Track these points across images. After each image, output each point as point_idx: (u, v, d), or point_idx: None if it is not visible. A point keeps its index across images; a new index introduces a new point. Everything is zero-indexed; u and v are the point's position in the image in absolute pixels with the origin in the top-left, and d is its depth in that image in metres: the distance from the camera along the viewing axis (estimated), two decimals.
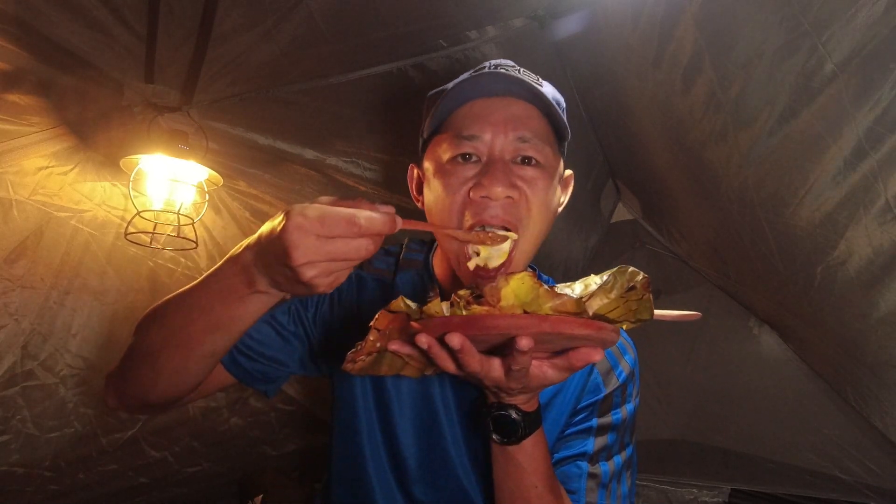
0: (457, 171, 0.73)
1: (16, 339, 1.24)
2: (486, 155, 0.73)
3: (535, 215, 0.74)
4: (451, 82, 0.78)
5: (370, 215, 0.52)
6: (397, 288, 0.90)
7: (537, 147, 0.73)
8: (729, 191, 1.17)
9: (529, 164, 0.73)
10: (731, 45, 0.94)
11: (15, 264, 1.20)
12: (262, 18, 0.98)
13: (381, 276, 0.93)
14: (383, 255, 0.96)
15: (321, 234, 0.50)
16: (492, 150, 0.73)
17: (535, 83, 0.75)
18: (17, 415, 1.29)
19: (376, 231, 0.52)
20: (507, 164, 0.72)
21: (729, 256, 1.51)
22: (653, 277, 1.79)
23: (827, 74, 0.81)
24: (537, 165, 0.74)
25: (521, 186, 0.72)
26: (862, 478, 1.62)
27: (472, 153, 0.73)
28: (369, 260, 0.92)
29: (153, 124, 1.17)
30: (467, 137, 0.73)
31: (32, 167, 1.16)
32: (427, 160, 0.79)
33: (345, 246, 0.51)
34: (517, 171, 0.73)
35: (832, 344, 1.28)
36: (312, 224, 0.49)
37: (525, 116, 0.74)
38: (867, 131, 0.80)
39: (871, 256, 0.93)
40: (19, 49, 0.98)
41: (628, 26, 1.14)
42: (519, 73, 0.75)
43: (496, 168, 0.71)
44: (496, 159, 0.72)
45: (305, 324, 0.88)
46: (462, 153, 0.73)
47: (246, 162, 1.37)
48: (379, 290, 0.91)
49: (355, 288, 0.91)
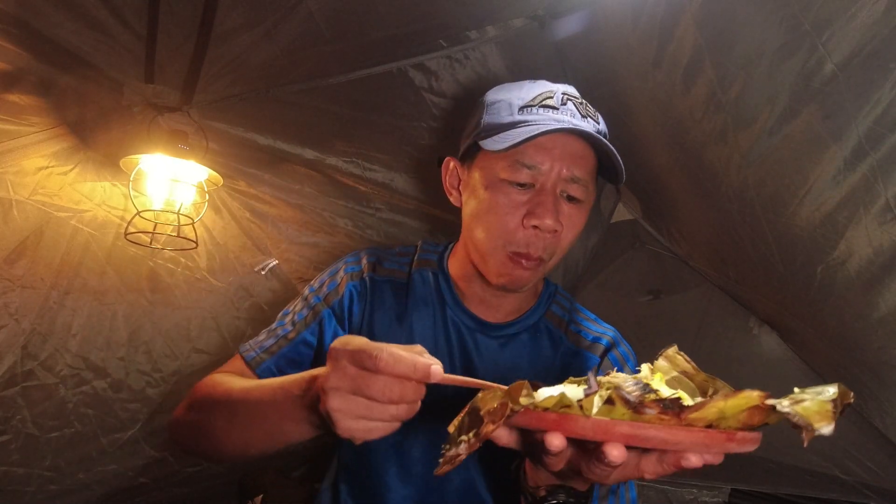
0: (510, 195, 0.77)
1: (16, 339, 1.24)
2: (539, 184, 0.77)
3: (564, 247, 0.80)
4: (510, 92, 0.80)
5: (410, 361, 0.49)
6: (413, 285, 0.92)
7: (584, 186, 0.78)
8: (729, 191, 1.17)
9: (572, 201, 0.78)
10: (731, 45, 0.94)
11: (15, 264, 1.20)
12: (262, 18, 0.98)
13: (394, 277, 0.94)
14: (396, 256, 0.98)
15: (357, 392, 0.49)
16: (545, 182, 0.76)
17: (596, 121, 0.79)
18: (17, 415, 1.29)
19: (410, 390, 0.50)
20: (556, 197, 0.77)
21: (729, 256, 1.51)
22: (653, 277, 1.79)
23: (827, 74, 0.80)
24: (579, 203, 0.79)
25: (563, 222, 0.77)
26: (862, 478, 1.62)
27: (528, 182, 0.77)
28: (380, 262, 0.94)
29: (153, 124, 1.17)
30: (529, 166, 0.76)
31: (32, 167, 1.16)
32: (478, 168, 0.81)
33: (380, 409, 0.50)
34: (563, 206, 0.78)
35: (832, 344, 1.28)
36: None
37: (581, 156, 0.77)
38: (867, 131, 0.80)
39: (871, 256, 0.92)
40: (19, 49, 0.98)
41: (628, 26, 1.14)
42: (586, 110, 0.79)
43: (549, 201, 0.75)
44: (548, 191, 0.76)
45: (336, 330, 0.90)
46: (519, 180, 0.76)
47: (246, 162, 1.37)
48: (392, 290, 0.93)
49: (369, 291, 0.92)
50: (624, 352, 0.91)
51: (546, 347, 0.89)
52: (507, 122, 0.77)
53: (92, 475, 1.42)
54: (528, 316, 0.90)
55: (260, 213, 1.47)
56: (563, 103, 0.78)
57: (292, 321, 0.92)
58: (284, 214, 1.50)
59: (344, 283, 0.91)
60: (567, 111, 0.77)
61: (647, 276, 2.07)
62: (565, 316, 0.93)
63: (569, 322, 0.92)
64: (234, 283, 1.52)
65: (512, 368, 0.87)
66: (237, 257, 1.50)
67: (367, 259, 0.93)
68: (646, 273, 2.07)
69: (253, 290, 1.55)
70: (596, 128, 0.78)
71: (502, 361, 0.88)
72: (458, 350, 0.88)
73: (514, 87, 0.82)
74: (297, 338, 0.89)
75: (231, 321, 1.54)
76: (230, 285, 1.51)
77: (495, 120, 0.79)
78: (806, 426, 0.38)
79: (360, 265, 0.93)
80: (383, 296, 0.91)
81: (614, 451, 0.40)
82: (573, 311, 0.96)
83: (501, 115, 0.79)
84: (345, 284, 0.91)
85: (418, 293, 0.90)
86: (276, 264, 1.54)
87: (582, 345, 0.90)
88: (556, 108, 0.77)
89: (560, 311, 0.94)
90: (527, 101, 0.78)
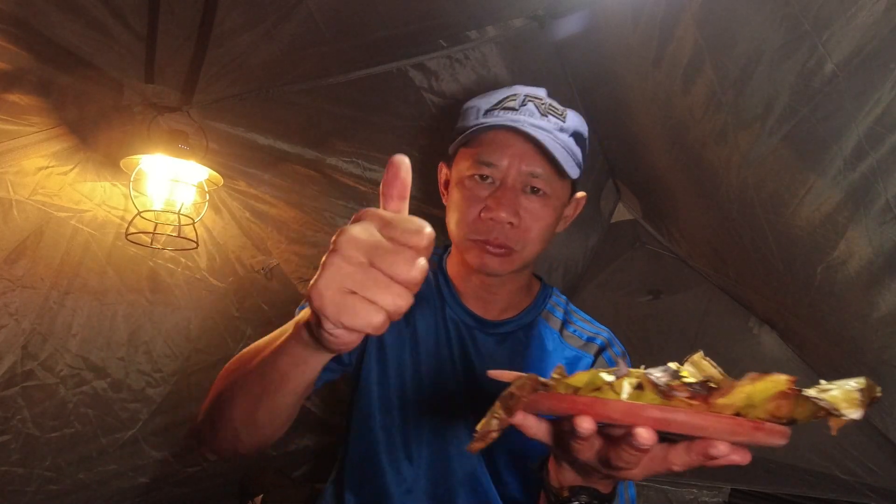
0: (473, 189, 0.83)
1: (16, 339, 1.24)
2: (500, 180, 0.82)
3: (533, 238, 0.84)
4: (482, 99, 0.87)
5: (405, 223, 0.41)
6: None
7: (545, 180, 0.82)
8: (729, 191, 1.17)
9: (536, 194, 0.82)
10: (731, 45, 0.94)
11: (15, 264, 1.20)
12: (262, 18, 0.99)
13: None
14: None
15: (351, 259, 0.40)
16: (505, 178, 0.82)
17: (560, 118, 0.83)
18: (17, 415, 1.29)
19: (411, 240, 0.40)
20: (516, 191, 0.81)
21: (729, 256, 1.51)
22: (653, 277, 1.80)
23: (827, 74, 0.80)
24: (543, 196, 0.83)
25: (523, 215, 0.82)
26: (862, 478, 1.62)
27: (489, 176, 0.82)
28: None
29: (153, 124, 1.17)
30: (486, 163, 0.82)
31: (32, 167, 1.16)
32: (454, 168, 0.89)
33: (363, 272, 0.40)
34: (524, 200, 0.82)
35: (832, 344, 1.28)
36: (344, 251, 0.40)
37: (536, 152, 0.82)
38: (867, 131, 0.80)
39: (871, 256, 0.92)
40: (19, 49, 0.98)
41: (628, 26, 1.14)
42: (545, 111, 0.83)
43: (504, 195, 0.80)
44: (507, 187, 0.81)
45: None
46: (480, 174, 0.83)
47: (246, 162, 1.37)
48: None
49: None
50: (618, 352, 0.95)
51: (542, 346, 0.92)
52: (472, 124, 0.84)
53: (92, 475, 1.42)
54: (525, 314, 0.94)
55: (260, 213, 1.47)
56: (523, 104, 0.84)
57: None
58: (284, 214, 1.50)
59: None
60: (525, 111, 0.82)
61: (647, 276, 2.07)
62: (561, 316, 0.97)
63: (564, 322, 0.96)
64: (234, 283, 1.52)
65: (509, 365, 0.89)
66: (237, 257, 1.50)
67: None
68: (646, 273, 2.07)
69: (253, 290, 1.55)
70: (559, 125, 0.83)
71: (499, 358, 0.90)
72: (457, 347, 0.91)
73: (488, 94, 0.88)
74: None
75: (231, 321, 1.54)
76: (230, 285, 1.51)
77: (464, 124, 0.87)
78: (833, 410, 0.38)
79: None
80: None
81: (644, 433, 0.40)
82: (569, 311, 0.99)
83: (469, 119, 0.86)
84: None
85: (421, 293, 0.92)
86: (276, 264, 1.54)
87: (577, 344, 0.94)
88: (515, 109, 0.83)
89: (556, 311, 0.98)
90: (492, 105, 0.84)
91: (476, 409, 0.87)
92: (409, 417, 0.90)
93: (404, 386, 0.90)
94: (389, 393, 0.90)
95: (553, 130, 0.82)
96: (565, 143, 0.84)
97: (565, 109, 0.86)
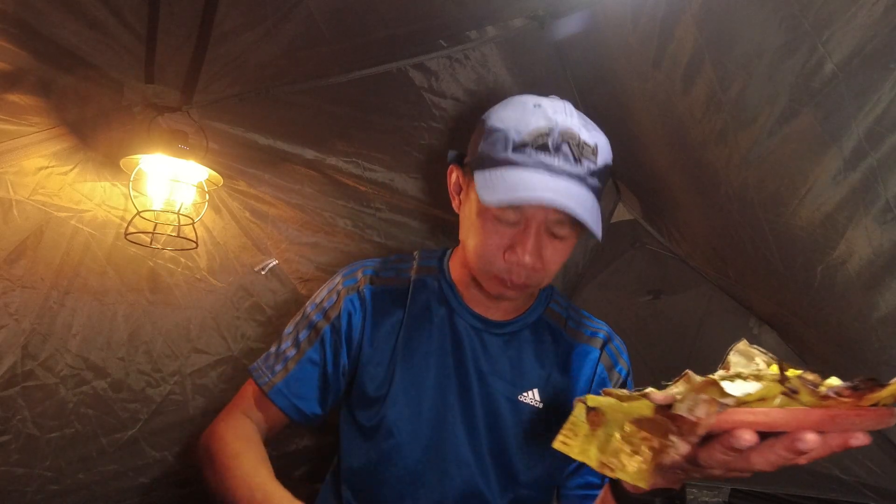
0: (497, 228, 0.81)
1: (16, 339, 1.24)
2: (525, 223, 0.80)
3: (550, 274, 0.85)
4: (509, 119, 0.81)
5: None
6: (416, 292, 0.95)
7: (570, 226, 0.81)
8: (729, 191, 1.17)
9: (558, 238, 0.82)
10: (731, 45, 0.94)
11: (15, 264, 1.20)
12: (262, 18, 0.98)
13: (395, 286, 0.98)
14: (394, 264, 1.01)
15: None
16: (530, 222, 0.80)
17: (593, 160, 0.80)
18: (17, 415, 1.28)
19: None
20: (540, 235, 0.81)
21: (729, 256, 1.51)
22: (653, 277, 1.80)
23: (827, 74, 0.80)
24: (564, 239, 0.83)
25: (546, 257, 0.82)
26: (862, 478, 1.62)
27: (514, 221, 0.81)
28: (378, 273, 0.97)
29: (153, 124, 1.17)
30: (515, 208, 0.80)
31: (32, 167, 1.16)
32: (474, 191, 0.83)
33: None
34: (547, 242, 0.81)
35: (832, 344, 1.28)
36: None
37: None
38: (867, 131, 0.80)
39: (871, 256, 0.92)
40: (19, 49, 0.98)
41: (628, 26, 1.14)
42: (580, 152, 0.79)
43: (529, 241, 0.79)
44: (531, 231, 0.80)
45: (338, 346, 0.95)
46: (506, 220, 0.81)
47: (246, 162, 1.36)
48: (392, 299, 0.96)
49: (368, 304, 0.96)
50: (618, 345, 0.98)
51: (548, 342, 0.94)
52: (501, 158, 0.79)
53: (92, 475, 1.42)
54: (530, 313, 0.95)
55: (260, 213, 1.47)
56: (557, 147, 0.78)
57: (296, 341, 0.96)
58: (284, 214, 1.50)
59: (342, 298, 0.94)
60: (560, 156, 0.78)
61: (647, 276, 2.06)
62: (564, 313, 0.99)
63: (567, 318, 0.98)
64: (234, 283, 1.52)
65: (517, 364, 0.90)
66: (237, 257, 1.50)
67: (363, 272, 0.97)
68: (646, 273, 2.07)
69: (253, 290, 1.55)
70: (590, 169, 0.80)
71: (507, 358, 0.91)
72: (468, 351, 0.91)
73: (515, 111, 0.82)
74: (302, 358, 0.92)
75: (231, 321, 1.54)
76: (230, 285, 1.51)
77: (490, 153, 0.81)
78: None
79: (356, 278, 0.96)
80: (384, 306, 0.93)
81: (747, 434, 0.40)
82: (570, 308, 1.02)
83: (497, 148, 0.80)
84: (343, 299, 0.94)
85: (423, 299, 0.93)
86: (276, 264, 1.54)
87: (581, 339, 0.96)
88: (549, 152, 0.77)
89: (558, 308, 0.99)
90: (522, 138, 0.78)
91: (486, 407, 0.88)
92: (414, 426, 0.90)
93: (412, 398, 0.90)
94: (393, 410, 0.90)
95: (586, 176, 0.79)
96: (593, 186, 0.81)
97: (595, 143, 0.82)
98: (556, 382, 0.91)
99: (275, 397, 0.89)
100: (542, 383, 0.90)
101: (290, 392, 0.89)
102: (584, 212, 0.76)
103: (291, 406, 0.88)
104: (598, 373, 0.93)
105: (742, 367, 0.52)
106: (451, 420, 0.88)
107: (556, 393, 0.90)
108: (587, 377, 0.92)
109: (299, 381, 0.89)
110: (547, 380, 0.90)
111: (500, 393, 0.88)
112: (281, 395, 0.89)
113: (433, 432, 0.88)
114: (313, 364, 0.90)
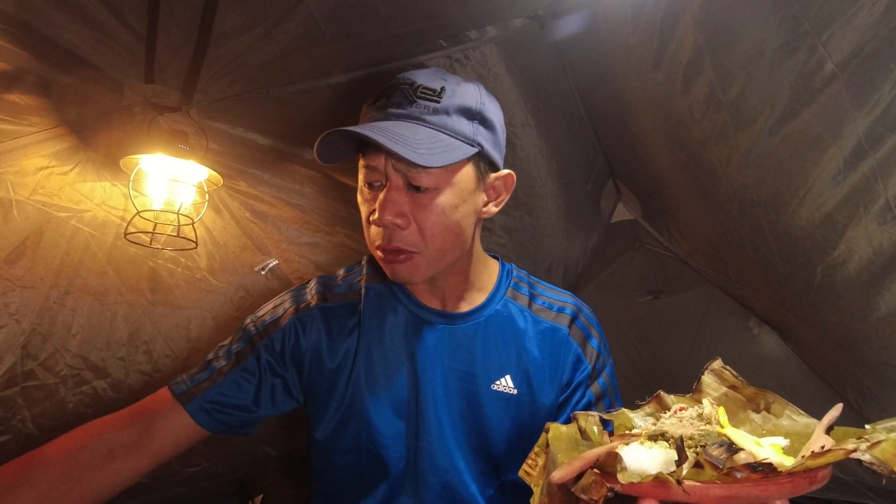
0: (365, 196, 0.79)
1: (16, 339, 1.24)
2: (385, 182, 0.76)
3: (431, 236, 0.76)
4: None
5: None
6: (369, 301, 0.92)
7: (427, 172, 0.73)
8: (729, 191, 1.17)
9: (419, 191, 0.75)
10: (731, 45, 0.94)
11: (15, 264, 1.20)
12: (261, 18, 0.98)
13: (347, 300, 0.94)
14: (344, 278, 0.98)
15: None
16: (387, 179, 0.75)
17: (431, 100, 0.75)
18: (17, 415, 1.29)
19: None
20: (398, 191, 0.75)
21: (729, 256, 1.51)
22: (653, 277, 1.80)
23: (827, 74, 0.81)
24: (427, 191, 0.75)
25: (411, 213, 0.75)
26: (862, 478, 1.62)
27: (377, 181, 0.77)
28: (329, 289, 0.94)
29: (153, 124, 1.17)
30: (367, 167, 0.77)
31: (32, 167, 1.16)
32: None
33: None
34: (408, 198, 0.75)
35: (832, 344, 1.28)
36: None
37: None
38: (867, 131, 0.80)
39: (871, 256, 0.93)
40: (19, 49, 0.98)
41: (628, 26, 1.14)
42: (417, 94, 0.76)
43: (385, 198, 0.74)
44: (389, 187, 0.75)
45: (274, 364, 0.91)
46: (368, 182, 0.78)
47: (246, 162, 1.36)
48: (347, 312, 0.93)
49: (321, 320, 0.92)
50: (587, 315, 0.93)
51: (516, 327, 0.90)
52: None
53: None
54: (491, 299, 0.91)
55: (260, 213, 1.47)
56: (389, 94, 0.77)
57: (227, 353, 0.89)
58: (284, 214, 1.50)
59: (288, 316, 0.90)
60: (393, 100, 0.76)
61: (647, 276, 2.07)
62: (527, 292, 0.95)
63: (531, 297, 0.94)
64: (234, 283, 1.52)
65: (485, 353, 0.87)
66: (237, 257, 1.50)
67: (315, 290, 0.94)
68: (646, 273, 2.07)
69: (253, 290, 1.55)
70: (431, 107, 0.75)
71: (475, 348, 0.88)
72: (432, 349, 0.87)
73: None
74: (231, 372, 0.87)
75: (231, 321, 1.54)
76: (230, 285, 1.51)
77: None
78: (885, 471, 0.39)
79: (306, 297, 0.93)
80: (340, 320, 0.90)
81: None
82: (532, 284, 0.96)
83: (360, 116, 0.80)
84: (288, 317, 0.90)
85: (376, 307, 0.90)
86: (276, 264, 1.54)
87: (549, 317, 0.92)
88: (382, 99, 0.78)
89: (521, 287, 0.95)
90: (371, 101, 0.79)
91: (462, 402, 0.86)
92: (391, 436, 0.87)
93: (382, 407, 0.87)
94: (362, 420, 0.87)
95: (422, 115, 0.75)
96: (441, 124, 0.75)
97: (441, 86, 0.76)
98: (528, 366, 0.87)
99: (192, 411, 0.84)
100: (513, 369, 0.87)
101: (207, 410, 0.84)
102: (398, 141, 0.69)
103: (211, 419, 0.85)
104: (573, 350, 0.90)
105: (713, 390, 0.53)
106: (429, 422, 0.85)
107: (528, 378, 0.87)
108: (563, 357, 0.89)
109: (223, 399, 0.85)
110: (518, 365, 0.88)
111: (473, 385, 0.85)
112: (200, 409, 0.84)
113: (410, 440, 0.85)
114: (246, 380, 0.86)
